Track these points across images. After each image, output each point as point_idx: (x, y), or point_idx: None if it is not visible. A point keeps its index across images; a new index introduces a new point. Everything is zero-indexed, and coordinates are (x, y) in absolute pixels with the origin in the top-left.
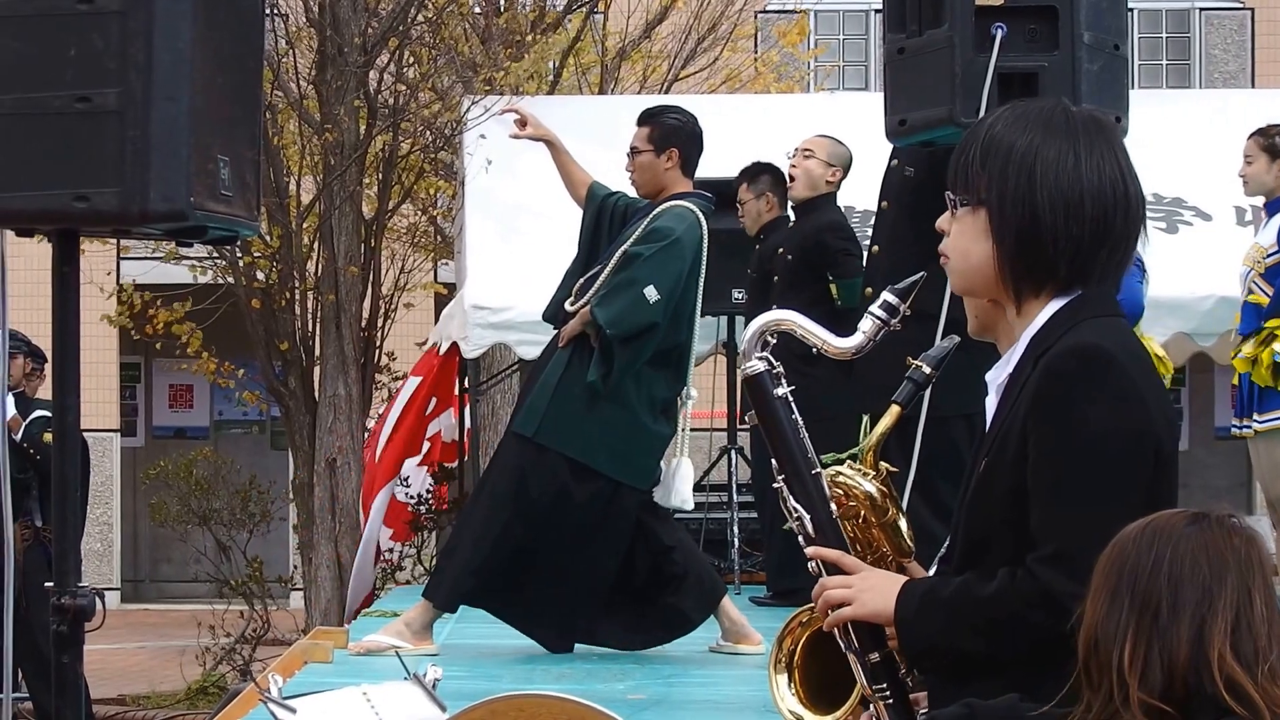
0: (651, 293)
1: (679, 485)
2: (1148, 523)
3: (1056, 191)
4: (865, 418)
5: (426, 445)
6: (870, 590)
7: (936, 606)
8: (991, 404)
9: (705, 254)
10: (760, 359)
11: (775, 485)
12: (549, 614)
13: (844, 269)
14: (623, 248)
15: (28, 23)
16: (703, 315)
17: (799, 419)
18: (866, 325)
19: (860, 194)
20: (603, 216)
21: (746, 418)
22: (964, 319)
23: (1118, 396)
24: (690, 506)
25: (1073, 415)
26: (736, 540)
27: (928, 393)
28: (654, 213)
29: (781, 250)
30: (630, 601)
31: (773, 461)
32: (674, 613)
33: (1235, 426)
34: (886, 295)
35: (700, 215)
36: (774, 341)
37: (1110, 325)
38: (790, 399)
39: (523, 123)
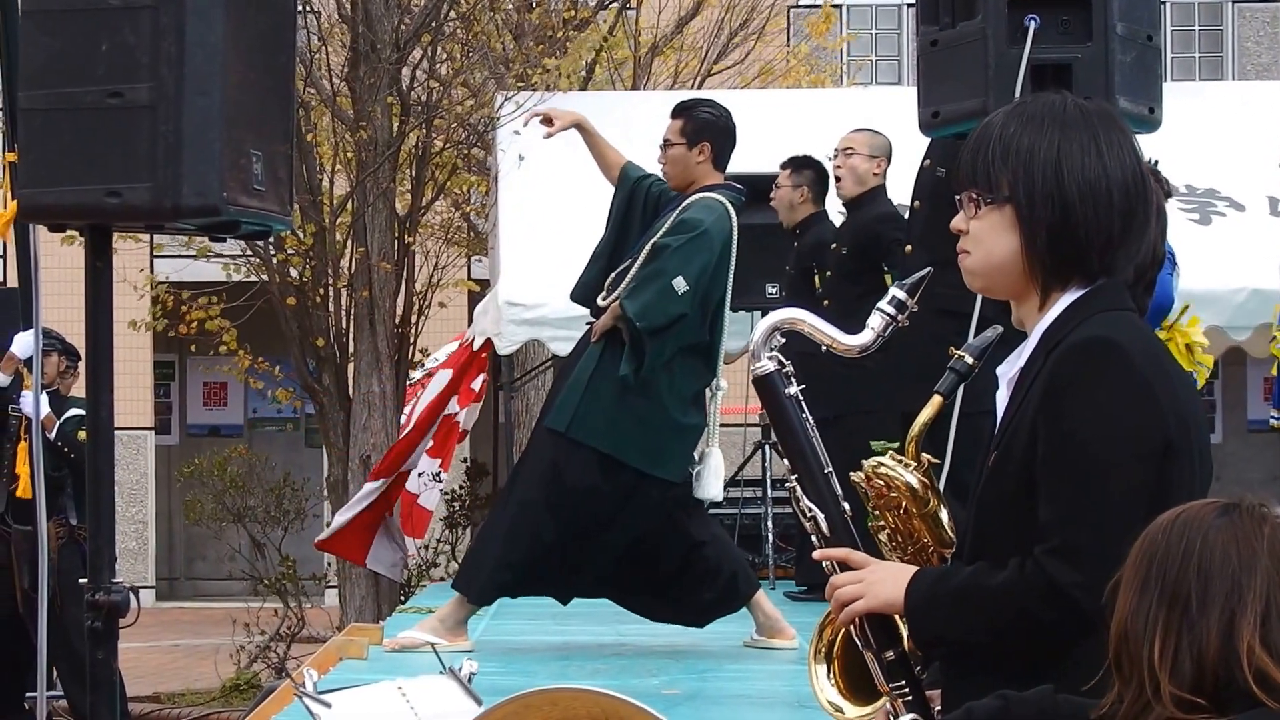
0: (680, 283)
1: (708, 477)
2: (1178, 514)
3: (1085, 185)
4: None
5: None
6: (880, 582)
7: (945, 595)
8: (1002, 398)
9: (735, 246)
10: (770, 358)
11: (788, 485)
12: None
13: (899, 259)
14: (652, 240)
15: (60, 18)
16: (735, 310)
17: (810, 418)
18: (875, 322)
19: (893, 188)
20: (635, 199)
21: (759, 417)
22: (994, 317)
23: (1125, 390)
24: (719, 498)
25: (1079, 409)
26: (771, 535)
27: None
28: (683, 204)
29: (835, 245)
30: (656, 591)
31: (784, 461)
32: (701, 605)
33: (1273, 418)
34: (895, 291)
35: (730, 206)
36: (783, 341)
37: (1121, 319)
38: (801, 398)
39: (548, 121)
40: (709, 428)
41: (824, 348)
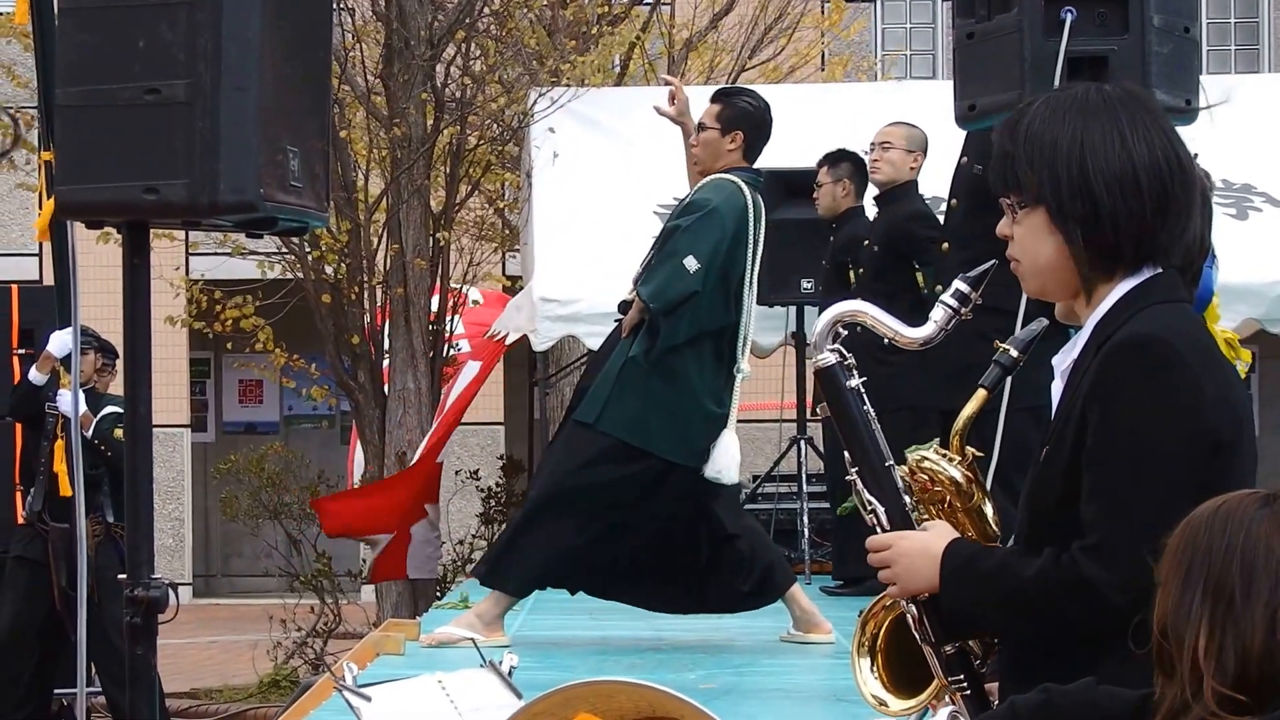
0: (691, 262)
1: (717, 456)
2: (1219, 506)
3: (1110, 173)
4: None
5: None
6: (909, 571)
7: (974, 576)
8: (1057, 389)
9: (756, 224)
10: (832, 351)
11: (848, 478)
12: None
13: (931, 256)
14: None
15: (96, 15)
16: (771, 305)
17: (871, 410)
18: (938, 314)
19: (927, 183)
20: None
21: (819, 409)
22: (1036, 313)
23: (1171, 388)
24: (730, 480)
25: (1125, 407)
26: (806, 530)
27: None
28: (695, 188)
29: (866, 241)
30: (684, 581)
31: (845, 453)
32: (736, 596)
33: None
34: (958, 284)
35: (743, 186)
36: (845, 333)
37: (1172, 312)
38: (863, 391)
39: (672, 98)
40: (730, 411)
41: (886, 340)
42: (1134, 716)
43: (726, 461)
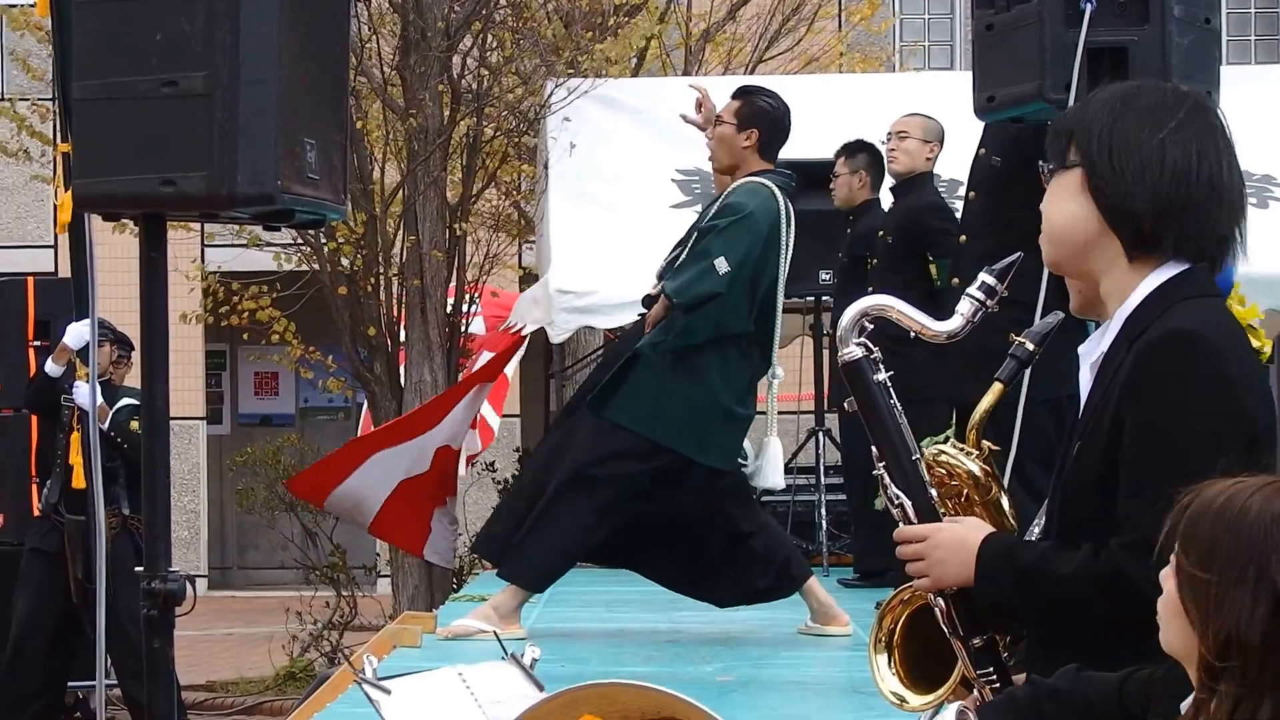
0: (721, 264)
1: (767, 466)
2: (1263, 503)
3: (1133, 161)
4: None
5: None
6: (942, 563)
7: (1011, 570)
8: (1085, 378)
9: (787, 230)
10: (858, 344)
11: (875, 472)
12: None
13: (944, 249)
14: (699, 227)
15: (114, 7)
16: (789, 297)
17: (898, 404)
18: (964, 307)
19: (946, 172)
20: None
21: (846, 404)
22: (1054, 306)
23: (1210, 383)
24: (781, 486)
25: (1162, 403)
26: (824, 522)
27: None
28: (727, 190)
29: (881, 233)
30: (695, 569)
31: (873, 448)
32: (748, 589)
33: None
34: (984, 276)
35: (777, 190)
36: (871, 327)
37: (1206, 307)
38: (889, 385)
39: (699, 105)
40: (768, 416)
41: (912, 334)
42: (1116, 696)
43: (775, 471)
